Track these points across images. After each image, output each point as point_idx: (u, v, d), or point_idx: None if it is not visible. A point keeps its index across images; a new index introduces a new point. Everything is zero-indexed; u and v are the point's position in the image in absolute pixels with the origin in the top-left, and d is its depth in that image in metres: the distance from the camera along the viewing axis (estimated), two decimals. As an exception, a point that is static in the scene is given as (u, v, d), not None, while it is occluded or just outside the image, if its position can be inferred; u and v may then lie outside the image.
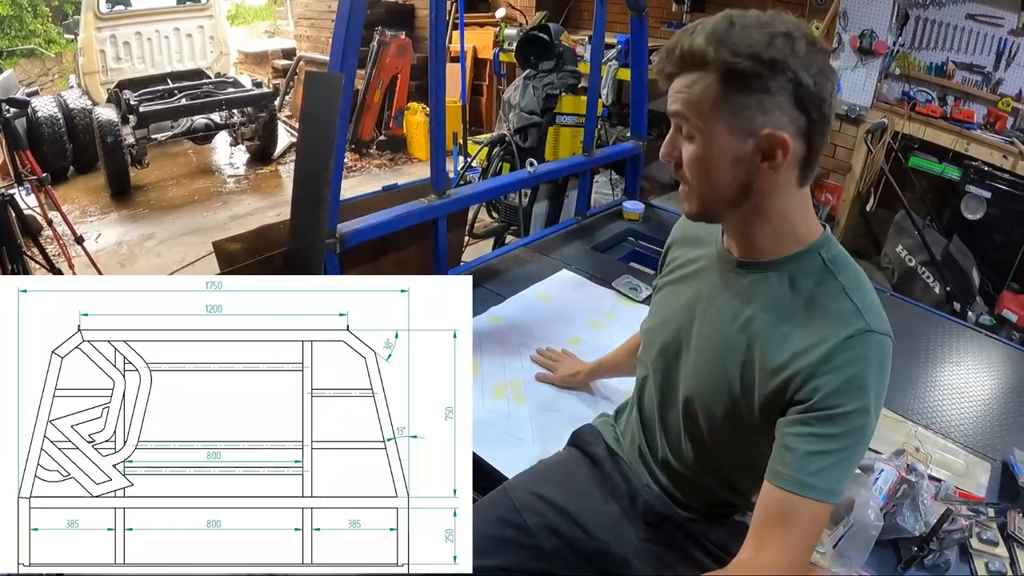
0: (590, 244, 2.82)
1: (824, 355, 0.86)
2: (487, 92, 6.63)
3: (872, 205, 4.10)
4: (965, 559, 1.40)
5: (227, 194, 5.47)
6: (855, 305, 0.89)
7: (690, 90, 0.86)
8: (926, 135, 3.86)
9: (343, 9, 1.73)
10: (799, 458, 0.85)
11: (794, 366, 0.88)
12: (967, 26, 3.87)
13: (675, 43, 0.87)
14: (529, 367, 1.93)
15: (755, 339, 0.94)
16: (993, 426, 1.89)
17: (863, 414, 0.85)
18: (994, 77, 3.87)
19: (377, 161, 6.25)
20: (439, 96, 2.17)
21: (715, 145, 0.87)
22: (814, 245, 0.94)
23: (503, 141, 3.68)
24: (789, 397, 0.89)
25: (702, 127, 0.87)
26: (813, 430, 0.85)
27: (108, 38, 5.96)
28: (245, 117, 5.83)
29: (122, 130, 5.03)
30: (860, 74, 4.03)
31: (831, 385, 0.85)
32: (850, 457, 0.85)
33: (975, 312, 3.36)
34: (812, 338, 0.88)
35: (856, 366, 0.85)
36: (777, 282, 0.94)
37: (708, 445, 1.06)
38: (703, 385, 1.02)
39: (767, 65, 0.82)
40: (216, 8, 6.51)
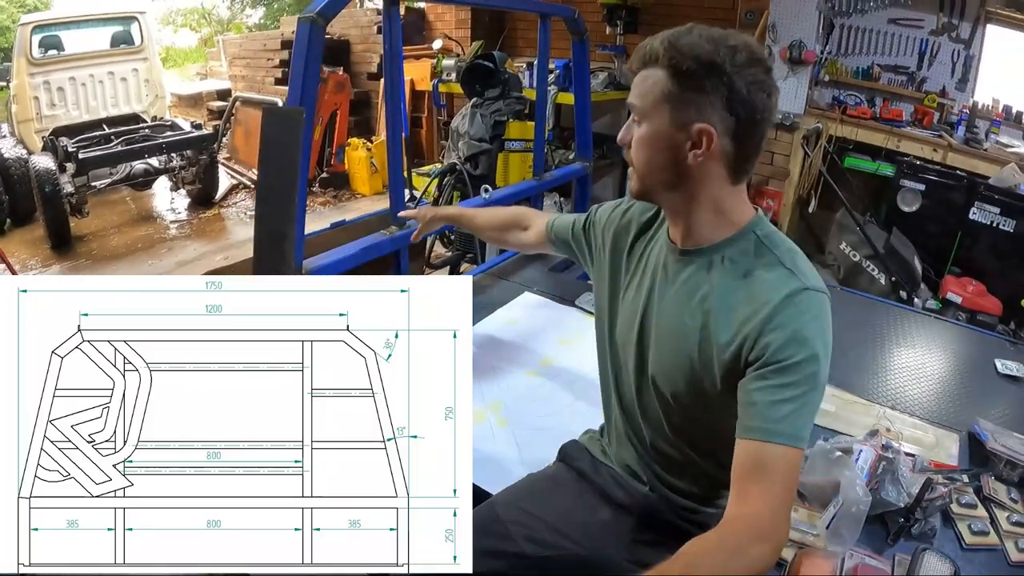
0: (547, 265, 2.85)
1: (767, 315, 0.94)
2: (426, 124, 6.62)
3: (813, 207, 4.26)
4: (949, 524, 1.46)
5: (171, 240, 5.32)
6: (789, 270, 0.98)
7: (644, 82, 0.99)
8: (859, 136, 4.04)
9: (301, 41, 1.73)
10: (762, 409, 0.90)
11: (743, 332, 0.96)
12: (889, 30, 4.10)
13: (643, 45, 1.00)
14: (507, 389, 1.93)
15: (708, 317, 1.02)
16: (954, 400, 1.98)
17: (812, 361, 0.91)
18: (918, 76, 4.09)
19: (321, 198, 6.17)
20: (396, 128, 2.18)
21: (655, 131, 0.99)
22: (748, 226, 1.04)
23: (454, 170, 3.70)
24: (743, 361, 0.96)
25: (648, 114, 0.99)
26: (770, 382, 0.91)
27: (42, 84, 5.81)
28: (185, 161, 5.69)
29: (60, 178, 4.84)
30: (792, 83, 4.20)
31: (779, 340, 0.92)
32: (808, 403, 0.91)
33: (921, 298, 3.51)
34: (755, 304, 0.96)
35: (798, 320, 0.93)
36: (719, 264, 1.03)
37: (687, 426, 1.12)
38: (668, 369, 1.08)
39: (705, 68, 0.93)
40: (150, 50, 6.42)
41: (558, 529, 1.21)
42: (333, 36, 7.16)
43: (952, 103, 3.99)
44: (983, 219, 3.58)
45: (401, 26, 2.12)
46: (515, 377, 1.99)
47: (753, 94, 0.94)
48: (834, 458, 1.50)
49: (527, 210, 1.66)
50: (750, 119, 0.96)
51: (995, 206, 3.54)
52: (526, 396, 1.90)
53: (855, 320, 2.51)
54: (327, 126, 6.16)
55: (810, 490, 1.50)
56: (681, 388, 1.07)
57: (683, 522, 1.17)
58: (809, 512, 1.45)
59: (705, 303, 1.03)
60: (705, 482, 1.17)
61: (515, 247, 1.69)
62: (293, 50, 1.78)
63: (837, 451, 1.53)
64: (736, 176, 1.02)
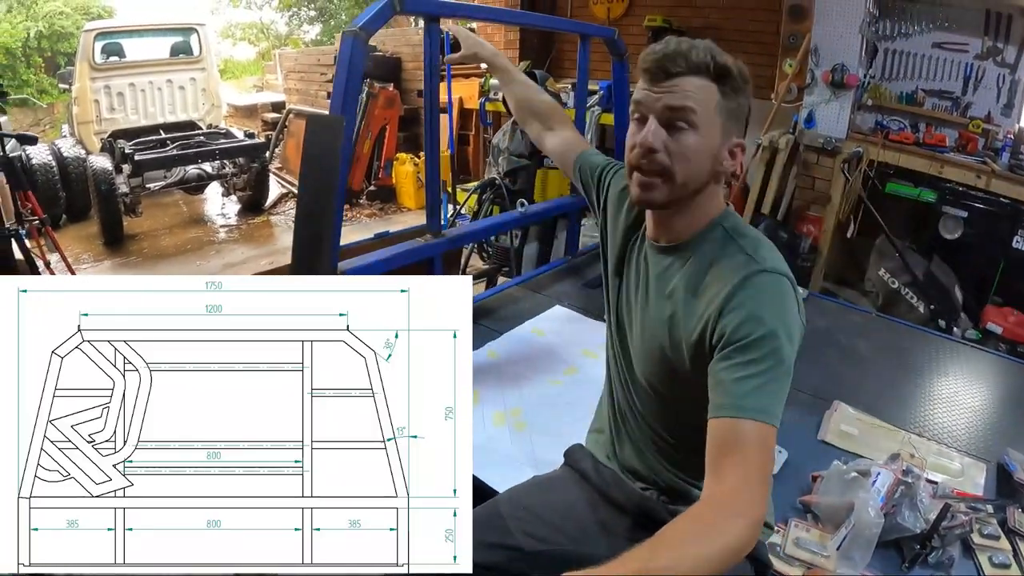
0: (581, 281, 2.89)
1: (726, 297, 0.97)
2: (474, 141, 6.74)
3: (853, 232, 4.17)
4: (968, 555, 1.43)
5: (220, 243, 5.50)
6: (748, 255, 1.01)
7: (697, 91, 1.00)
8: (901, 161, 3.96)
9: (344, 54, 1.80)
10: (728, 386, 0.92)
11: (704, 315, 0.99)
12: (934, 54, 4.02)
13: (676, 49, 1.00)
14: (527, 396, 1.96)
15: (676, 306, 1.06)
16: (986, 430, 1.94)
17: (772, 338, 0.92)
18: (963, 101, 4.00)
19: (367, 211, 6.31)
20: (433, 140, 2.23)
21: (710, 142, 1.02)
22: (716, 220, 1.08)
23: (493, 184, 3.76)
24: (708, 345, 0.99)
25: (704, 123, 1.01)
26: (733, 361, 0.93)
27: (102, 88, 6.04)
28: (237, 168, 5.89)
29: (116, 179, 5.07)
30: (834, 107, 4.15)
31: (736, 319, 0.95)
32: (774, 379, 0.91)
33: (960, 328, 3.42)
34: (715, 289, 1.00)
35: (754, 300, 0.96)
36: (691, 257, 1.07)
37: (672, 421, 1.16)
38: (646, 361, 1.13)
39: (744, 87, 1.02)
40: (208, 61, 6.63)
41: (556, 526, 1.23)
42: (386, 53, 7.31)
43: (997, 129, 3.89)
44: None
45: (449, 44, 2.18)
46: (538, 385, 2.03)
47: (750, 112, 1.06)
48: (849, 479, 1.50)
49: (564, 116, 1.59)
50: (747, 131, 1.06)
51: (1041, 235, 3.44)
52: (546, 403, 1.93)
53: (889, 346, 2.48)
54: (376, 140, 6.27)
55: (823, 510, 1.49)
56: (660, 379, 1.11)
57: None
58: (821, 532, 1.45)
59: (674, 294, 1.07)
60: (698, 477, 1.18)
61: (531, 134, 1.62)
62: (336, 62, 1.85)
63: (853, 472, 1.53)
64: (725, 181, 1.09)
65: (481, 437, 1.76)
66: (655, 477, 1.22)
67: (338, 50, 1.84)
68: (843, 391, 2.03)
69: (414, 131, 7.22)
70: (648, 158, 1.03)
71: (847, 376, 2.20)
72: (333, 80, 1.87)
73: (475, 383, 1.94)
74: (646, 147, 1.02)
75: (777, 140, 4.29)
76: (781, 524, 1.47)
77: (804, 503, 1.54)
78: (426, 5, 2.07)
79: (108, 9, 13.75)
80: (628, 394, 1.22)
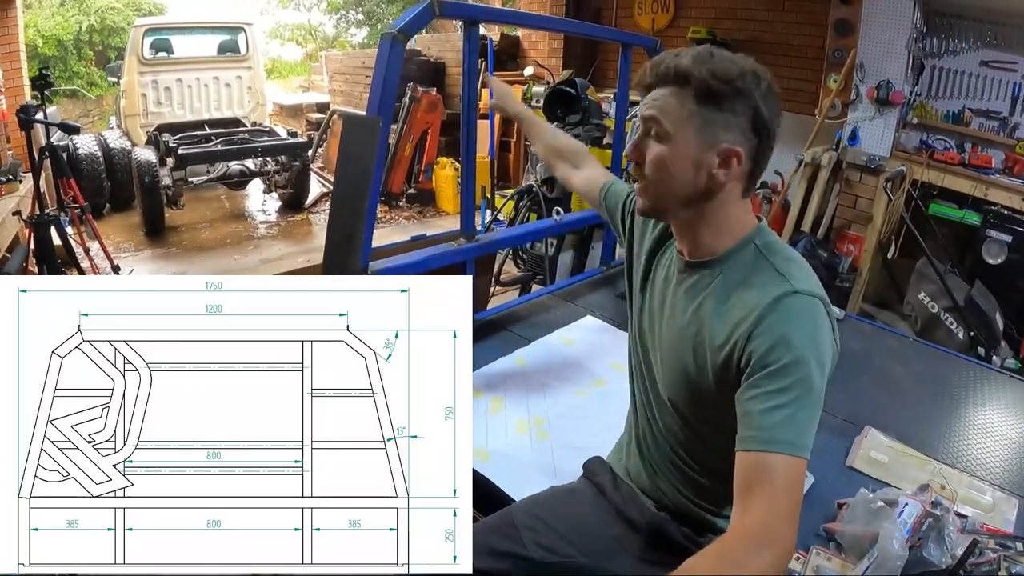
0: (615, 292, 2.87)
1: (755, 320, 0.94)
2: (514, 148, 6.76)
3: (894, 253, 4.11)
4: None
5: (258, 239, 5.59)
6: (781, 275, 0.98)
7: (668, 100, 1.01)
8: (945, 182, 3.88)
9: (382, 55, 1.82)
10: (757, 418, 0.89)
11: (733, 337, 0.97)
12: (982, 73, 3.93)
13: (660, 61, 1.03)
14: (552, 405, 1.96)
15: (702, 324, 1.03)
16: (1021, 464, 1.88)
17: (803, 364, 0.90)
18: (1010, 122, 3.90)
19: (406, 213, 6.35)
20: (471, 144, 2.25)
21: (681, 149, 1.01)
22: (748, 236, 1.06)
23: (530, 191, 3.75)
24: (735, 368, 0.96)
25: (673, 132, 1.01)
26: (761, 389, 0.90)
27: (150, 83, 6.20)
28: (279, 165, 5.98)
29: (160, 171, 5.20)
30: (878, 124, 4.10)
31: (766, 344, 0.92)
32: (804, 408, 0.89)
33: (1000, 356, 3.33)
34: (745, 310, 0.97)
35: (785, 324, 0.93)
36: (720, 273, 1.05)
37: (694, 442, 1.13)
38: (670, 378, 1.11)
39: (736, 91, 0.98)
40: (254, 60, 6.77)
41: (568, 538, 1.23)
42: (430, 58, 7.35)
43: (1045, 151, 3.79)
44: (1072, 275, 3.38)
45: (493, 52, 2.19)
46: (563, 395, 2.03)
47: (772, 119, 1.00)
48: (875, 508, 1.47)
49: (587, 154, 1.64)
50: (768, 140, 1.02)
51: (1086, 262, 3.34)
52: (570, 414, 1.93)
53: (926, 373, 2.42)
54: (418, 144, 6.30)
55: (847, 539, 1.46)
56: (683, 397, 1.09)
57: (691, 544, 1.17)
58: (843, 563, 1.42)
59: (700, 310, 1.05)
60: (713, 504, 1.18)
61: (558, 177, 1.68)
62: (375, 63, 1.86)
63: (880, 501, 1.49)
64: (747, 190, 1.06)
65: (503, 444, 1.77)
66: (666, 500, 1.21)
67: (377, 51, 1.86)
68: (875, 417, 1.99)
69: (456, 136, 7.22)
70: (634, 169, 1.07)
71: (880, 402, 2.15)
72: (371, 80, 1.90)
73: (501, 389, 1.97)
74: (626, 156, 1.08)
75: (820, 156, 4.24)
76: (802, 551, 1.45)
77: (828, 530, 1.52)
78: (465, 9, 2.09)
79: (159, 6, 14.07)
80: (650, 413, 1.21)
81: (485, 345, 2.30)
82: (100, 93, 11.81)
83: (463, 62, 2.12)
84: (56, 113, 5.93)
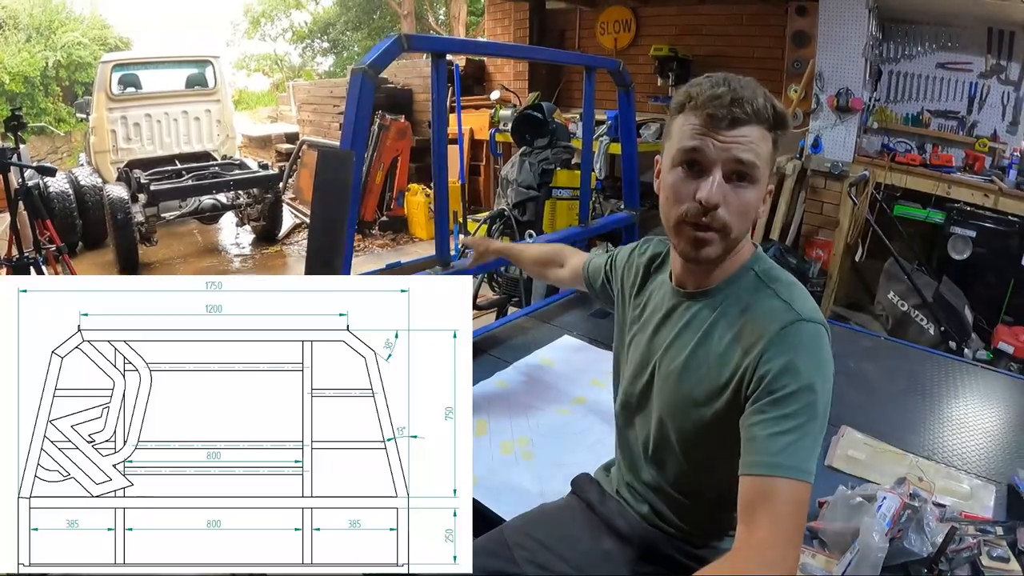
0: (589, 311, 2.89)
1: (763, 348, 0.95)
2: (484, 172, 6.84)
3: (862, 256, 4.19)
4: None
5: (234, 272, 5.57)
6: (785, 302, 0.99)
7: (760, 142, 0.96)
8: (908, 183, 3.98)
9: (353, 90, 1.85)
10: (762, 443, 0.89)
11: (741, 365, 0.97)
12: (938, 75, 4.06)
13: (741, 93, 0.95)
14: (536, 425, 1.97)
15: (708, 354, 1.03)
16: (997, 451, 1.93)
17: (808, 391, 0.91)
18: (968, 120, 4.02)
19: (380, 241, 6.37)
20: (442, 173, 2.27)
21: (763, 191, 1.00)
22: (748, 263, 1.06)
23: (502, 215, 3.79)
24: (743, 395, 0.96)
25: (762, 177, 0.98)
26: (767, 415, 0.91)
27: (119, 119, 6.16)
28: (251, 198, 5.98)
29: (132, 208, 5.17)
30: (840, 131, 4.19)
31: (773, 371, 0.92)
32: (808, 433, 0.89)
33: (971, 348, 3.39)
34: (752, 337, 0.97)
35: (792, 351, 0.93)
36: (721, 302, 1.05)
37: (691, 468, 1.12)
38: (674, 410, 1.09)
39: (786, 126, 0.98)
40: (223, 93, 6.75)
41: (561, 555, 1.23)
42: (397, 85, 7.41)
43: (1003, 147, 3.89)
44: (1037, 265, 3.47)
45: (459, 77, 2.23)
46: (546, 414, 2.03)
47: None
48: (855, 504, 1.50)
49: (565, 249, 1.72)
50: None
51: (1050, 251, 3.43)
52: (554, 432, 1.94)
53: (899, 371, 2.46)
54: (388, 171, 6.33)
55: (829, 536, 1.48)
56: (684, 426, 1.08)
57: (682, 556, 1.18)
58: (827, 559, 1.44)
59: (705, 341, 1.04)
60: (705, 525, 1.19)
61: (554, 283, 1.77)
62: (347, 98, 1.88)
63: (859, 497, 1.52)
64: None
65: (488, 466, 1.76)
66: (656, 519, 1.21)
67: (348, 86, 1.88)
68: (851, 416, 2.02)
69: (425, 162, 7.26)
70: (711, 215, 0.97)
71: (855, 401, 2.18)
72: (343, 115, 1.92)
73: (483, 412, 1.98)
74: (711, 204, 0.96)
75: (784, 166, 4.32)
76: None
77: (811, 529, 1.54)
78: (432, 42, 2.13)
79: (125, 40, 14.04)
80: (641, 441, 1.21)
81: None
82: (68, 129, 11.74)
83: (432, 93, 2.15)
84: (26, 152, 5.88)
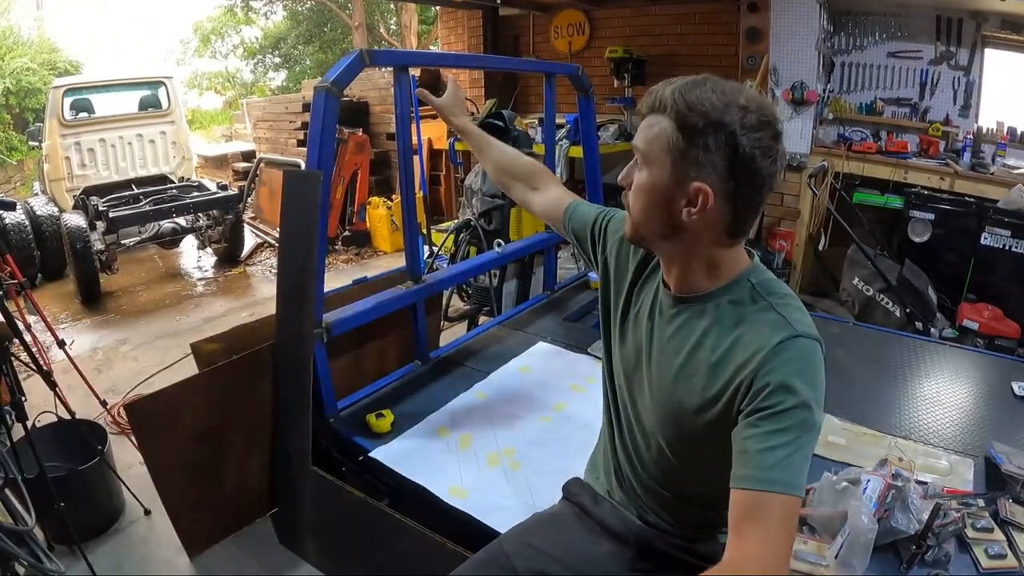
0: (561, 315, 2.91)
1: (759, 363, 0.94)
2: (444, 181, 6.80)
3: (824, 244, 4.26)
4: (964, 550, 1.45)
5: (198, 297, 5.45)
6: (782, 317, 0.97)
7: (650, 129, 0.99)
8: (865, 171, 4.08)
9: (317, 108, 1.83)
10: (754, 457, 0.89)
11: (736, 379, 0.96)
12: (890, 64, 4.17)
13: (654, 89, 0.99)
14: (520, 434, 1.96)
15: (700, 364, 1.02)
16: (970, 426, 1.99)
17: (803, 408, 0.90)
18: (921, 106, 4.13)
19: (344, 256, 6.29)
20: (409, 189, 2.25)
21: (655, 181, 0.99)
22: (743, 274, 1.04)
23: (468, 226, 3.78)
24: (735, 408, 0.96)
25: (650, 161, 0.99)
26: (761, 429, 0.90)
27: (73, 145, 5.97)
28: (211, 220, 5.85)
29: (91, 236, 4.99)
30: (796, 124, 4.27)
31: (769, 387, 0.92)
32: (801, 448, 0.89)
33: (937, 328, 3.47)
34: (747, 351, 0.96)
35: (788, 367, 0.93)
36: (713, 311, 1.03)
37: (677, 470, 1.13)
38: (662, 414, 1.09)
39: (712, 125, 0.92)
40: (177, 114, 6.60)
41: (560, 560, 1.23)
42: (352, 98, 7.32)
43: (956, 130, 4.02)
44: (995, 243, 3.58)
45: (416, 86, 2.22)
46: (528, 423, 2.03)
47: (758, 160, 0.92)
48: (841, 489, 1.52)
49: (546, 173, 1.53)
50: (750, 184, 0.94)
51: (1006, 229, 3.53)
52: (538, 440, 1.94)
53: (869, 354, 2.51)
54: (348, 186, 6.25)
55: (818, 521, 1.51)
56: (673, 433, 1.08)
57: (678, 552, 1.18)
58: (818, 544, 1.46)
59: (698, 350, 1.03)
60: (694, 522, 1.19)
61: (517, 201, 1.56)
62: (311, 116, 1.87)
63: (844, 482, 1.55)
64: (732, 237, 1.00)
65: (477, 480, 1.76)
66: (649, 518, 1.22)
67: (311, 104, 1.86)
68: (827, 403, 2.03)
69: (384, 174, 7.26)
70: (623, 195, 1.06)
71: (830, 388, 2.18)
72: (308, 133, 1.89)
73: (467, 425, 1.97)
74: (619, 182, 1.06)
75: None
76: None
77: (800, 517, 1.56)
78: (393, 57, 2.12)
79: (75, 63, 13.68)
80: (632, 445, 1.21)
81: (444, 382, 2.30)
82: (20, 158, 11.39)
83: (396, 108, 2.14)
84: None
